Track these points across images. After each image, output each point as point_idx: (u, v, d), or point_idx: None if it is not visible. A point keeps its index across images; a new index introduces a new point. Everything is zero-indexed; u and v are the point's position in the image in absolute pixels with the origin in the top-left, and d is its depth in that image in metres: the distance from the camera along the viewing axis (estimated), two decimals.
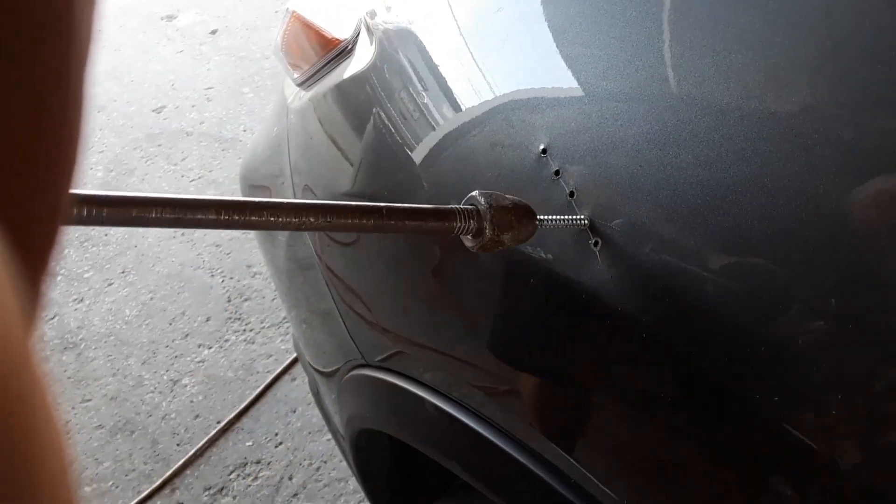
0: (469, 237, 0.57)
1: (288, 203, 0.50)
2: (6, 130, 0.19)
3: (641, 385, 0.64)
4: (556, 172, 0.66)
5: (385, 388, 0.96)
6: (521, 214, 0.58)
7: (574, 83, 0.68)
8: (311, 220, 0.50)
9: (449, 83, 0.85)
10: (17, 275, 0.17)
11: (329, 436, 2.17)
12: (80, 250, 2.81)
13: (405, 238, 0.88)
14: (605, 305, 0.63)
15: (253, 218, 0.49)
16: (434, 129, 0.86)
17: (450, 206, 0.56)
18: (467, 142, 0.80)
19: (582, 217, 0.63)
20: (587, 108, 0.66)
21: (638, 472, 0.68)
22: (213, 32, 3.99)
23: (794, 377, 0.53)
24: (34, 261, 0.21)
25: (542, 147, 0.68)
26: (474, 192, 0.58)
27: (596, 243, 0.62)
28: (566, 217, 0.63)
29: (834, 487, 0.54)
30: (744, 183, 0.56)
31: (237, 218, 0.49)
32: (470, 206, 0.57)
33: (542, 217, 0.60)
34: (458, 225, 0.56)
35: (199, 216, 0.48)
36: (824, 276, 0.53)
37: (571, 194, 0.65)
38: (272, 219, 0.49)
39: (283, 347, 2.45)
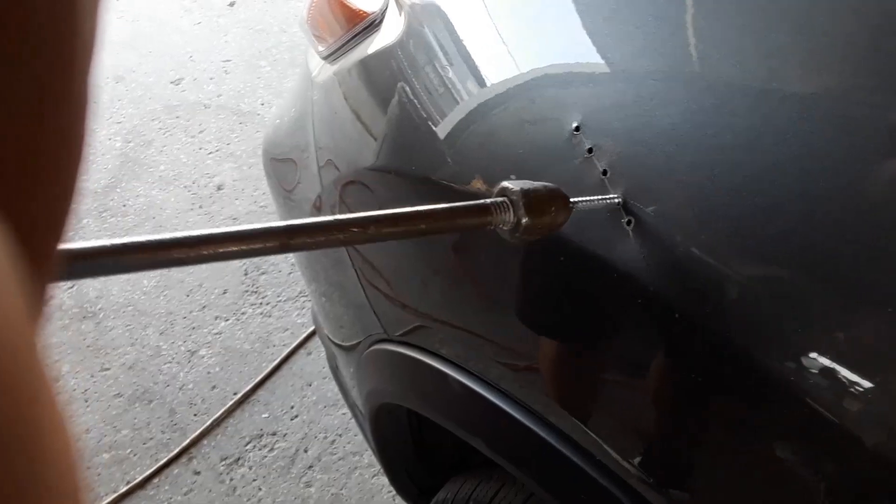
0: (505, 229, 0.57)
1: (316, 223, 0.49)
2: (10, 127, 0.19)
3: (668, 364, 0.64)
4: (590, 150, 0.66)
5: (408, 363, 0.96)
6: (556, 200, 0.57)
7: (609, 61, 0.68)
8: (341, 236, 0.49)
9: (478, 59, 0.84)
10: (22, 272, 0.17)
11: (344, 410, 2.19)
12: (98, 220, 2.82)
13: None
14: (637, 284, 0.62)
15: (282, 243, 0.48)
16: (460, 104, 0.85)
17: (483, 202, 0.55)
18: (495, 118, 0.80)
19: (615, 196, 0.62)
20: (622, 87, 0.65)
21: (661, 448, 0.68)
22: (231, 4, 3.97)
23: (828, 359, 0.53)
24: (39, 258, 0.21)
25: (575, 124, 0.67)
26: (506, 183, 0.57)
27: (629, 222, 0.62)
28: (599, 197, 0.62)
29: (854, 463, 0.54)
30: (783, 164, 0.55)
31: (268, 246, 0.47)
32: (502, 199, 0.56)
33: (575, 199, 0.59)
34: (494, 219, 0.55)
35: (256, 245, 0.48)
36: (866, 260, 0.52)
37: (605, 172, 0.65)
38: (307, 240, 0.49)
39: (299, 321, 2.46)
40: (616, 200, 0.62)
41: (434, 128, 0.88)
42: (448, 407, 0.92)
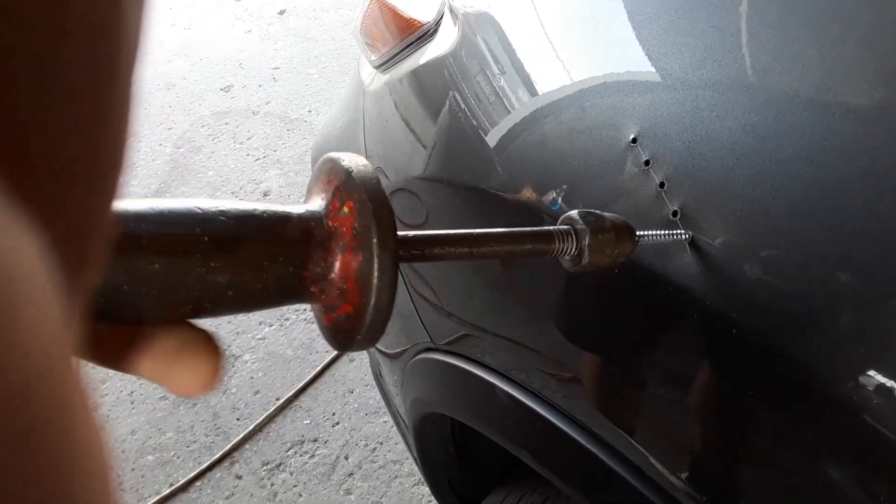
0: (567, 258, 0.56)
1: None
2: (54, 137, 0.18)
3: (720, 379, 0.63)
4: (647, 162, 0.65)
5: (455, 373, 0.96)
6: (621, 233, 0.56)
7: (668, 72, 0.67)
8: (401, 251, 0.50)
9: (530, 68, 0.84)
10: (60, 283, 0.17)
11: (385, 417, 2.19)
12: None
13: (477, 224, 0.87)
14: (688, 297, 0.61)
15: None
16: (511, 113, 0.85)
17: (547, 229, 0.54)
18: (547, 127, 0.79)
19: (682, 232, 0.61)
20: (681, 98, 0.64)
21: (711, 465, 0.66)
22: (282, 13, 4.02)
23: (888, 378, 0.52)
24: (77, 269, 0.20)
25: (632, 136, 0.67)
26: (572, 212, 0.56)
27: (687, 238, 0.61)
28: (667, 232, 0.61)
29: None
30: (848, 180, 0.54)
31: None
32: (567, 227, 0.55)
33: (641, 233, 0.58)
34: (556, 247, 0.54)
35: None
36: None
37: (661, 185, 0.64)
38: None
39: None
40: (684, 237, 0.61)
41: (485, 137, 0.88)
42: (494, 418, 0.92)
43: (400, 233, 0.47)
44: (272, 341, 2.46)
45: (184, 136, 3.28)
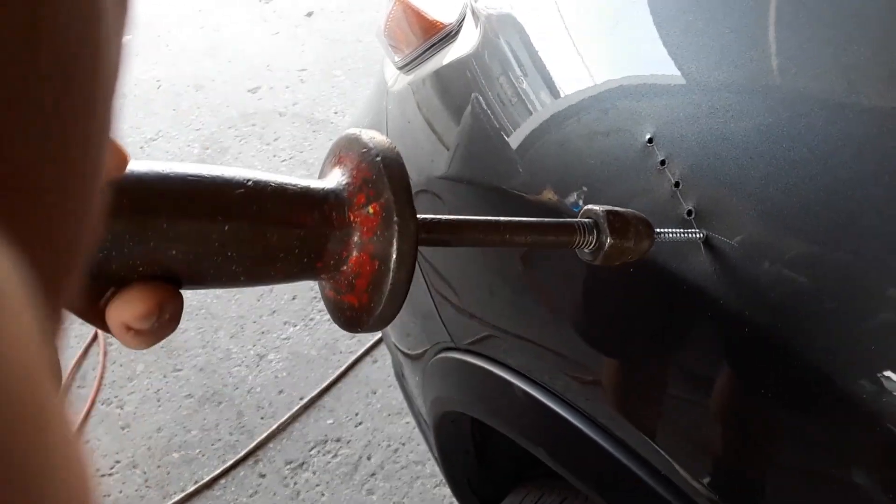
0: (586, 251, 0.56)
1: None
2: (28, 165, 0.18)
3: (739, 381, 0.63)
4: (662, 162, 0.65)
5: (473, 372, 0.96)
6: (640, 230, 0.57)
7: (684, 73, 0.67)
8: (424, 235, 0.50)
9: (552, 70, 0.84)
10: (37, 303, 0.16)
11: (408, 418, 2.20)
12: None
13: None
14: (707, 298, 0.61)
15: None
16: (533, 114, 0.85)
17: (569, 221, 0.55)
18: (568, 129, 0.80)
19: (697, 231, 0.61)
20: (697, 99, 0.65)
21: (731, 468, 0.66)
22: (309, 15, 4.05)
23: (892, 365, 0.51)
24: (55, 287, 0.20)
25: (648, 136, 0.67)
26: (594, 206, 0.56)
27: (702, 237, 0.61)
28: (683, 231, 0.61)
29: None
30: (861, 180, 0.54)
31: None
32: (588, 220, 0.56)
33: (659, 230, 0.59)
34: (577, 239, 0.55)
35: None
36: None
37: (677, 185, 0.64)
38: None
39: None
40: (698, 236, 0.61)
41: (507, 138, 0.88)
42: (512, 416, 0.92)
43: (420, 216, 0.47)
44: (296, 341, 2.48)
45: (211, 136, 3.31)
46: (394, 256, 0.45)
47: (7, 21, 0.17)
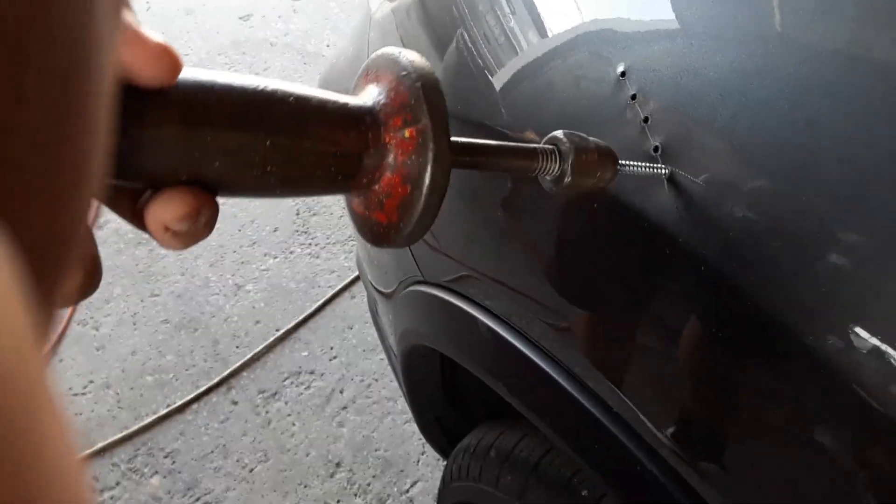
0: (548, 178, 0.56)
1: None
2: (15, 148, 0.18)
3: (701, 326, 0.63)
4: (633, 97, 0.65)
5: (441, 305, 0.96)
6: (604, 158, 0.56)
7: (661, 9, 0.66)
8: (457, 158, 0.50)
9: (542, 8, 0.83)
10: (29, 292, 0.17)
11: (382, 355, 2.22)
12: None
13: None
14: (666, 237, 0.61)
15: None
16: (519, 55, 0.84)
17: (531, 146, 0.54)
18: (553, 70, 0.79)
19: (662, 167, 0.61)
20: (672, 34, 0.64)
21: (691, 418, 0.67)
22: None
23: (872, 335, 0.51)
24: (48, 277, 0.20)
25: (621, 70, 0.66)
26: (557, 133, 0.55)
27: (666, 172, 0.61)
28: (648, 164, 0.61)
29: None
30: (826, 121, 0.54)
31: None
32: (551, 147, 0.55)
33: (623, 162, 0.58)
34: (539, 165, 0.54)
35: None
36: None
37: (646, 120, 0.63)
38: None
39: (346, 265, 2.49)
40: (663, 171, 0.61)
41: (490, 77, 0.87)
42: (475, 351, 0.93)
43: (454, 138, 0.47)
44: (276, 273, 2.48)
45: (200, 63, 3.26)
46: (427, 182, 0.45)
47: None
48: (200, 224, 0.42)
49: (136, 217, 0.43)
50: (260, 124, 0.42)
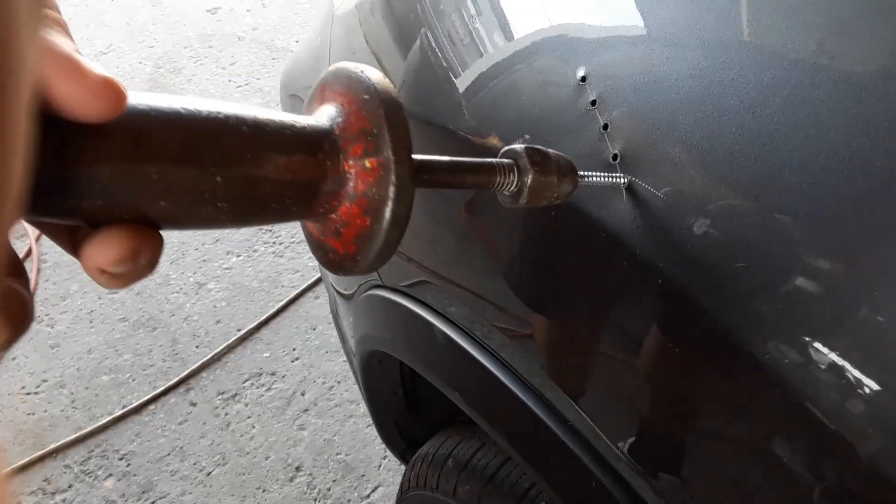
0: (506, 194, 0.53)
1: None
2: None
3: (658, 340, 0.61)
4: (593, 102, 0.63)
5: (397, 311, 0.94)
6: (564, 173, 0.53)
7: (624, 15, 0.64)
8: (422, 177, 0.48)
9: (507, 11, 0.81)
10: None
11: (345, 357, 2.19)
12: None
13: None
14: (623, 248, 0.59)
15: None
16: (483, 57, 0.82)
17: (490, 161, 0.52)
18: (517, 73, 0.76)
19: (621, 176, 0.59)
20: (633, 40, 0.62)
21: (644, 424, 0.65)
22: None
23: (828, 350, 0.50)
24: None
25: (581, 74, 0.64)
26: (515, 146, 0.53)
27: (625, 182, 0.59)
28: (607, 175, 0.58)
29: (851, 466, 0.52)
30: (787, 131, 0.52)
31: None
32: (510, 161, 0.53)
33: (582, 174, 0.56)
34: (498, 181, 0.52)
35: None
36: (859, 234, 0.49)
37: (605, 127, 0.61)
38: None
39: (310, 264, 2.46)
40: (622, 181, 0.59)
41: (454, 79, 0.84)
42: (431, 358, 0.91)
43: (417, 156, 0.45)
44: (238, 272, 2.44)
45: (165, 55, 3.21)
46: (387, 217, 0.42)
47: None
48: (140, 265, 0.38)
49: (77, 250, 0.39)
50: (210, 158, 0.39)
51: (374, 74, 0.44)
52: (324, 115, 0.44)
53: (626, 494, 0.66)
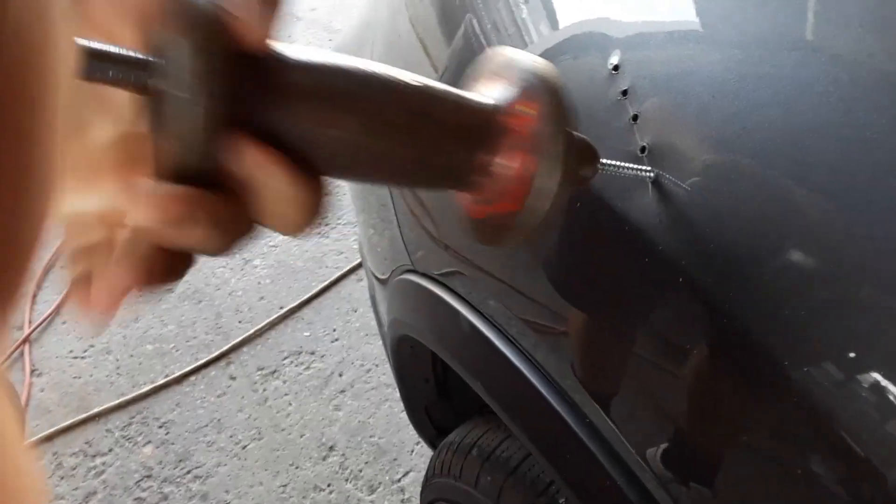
0: None
1: None
2: None
3: (672, 340, 0.60)
4: (624, 92, 0.61)
5: (426, 296, 0.94)
6: (584, 155, 0.52)
7: (661, 5, 0.63)
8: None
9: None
10: None
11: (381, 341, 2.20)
12: None
13: None
14: (650, 248, 0.58)
15: None
16: (527, 47, 0.81)
17: None
18: (559, 61, 0.75)
19: (648, 169, 0.57)
20: (669, 31, 0.60)
21: (670, 432, 0.64)
22: None
23: (860, 338, 0.48)
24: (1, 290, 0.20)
25: (614, 62, 0.63)
26: None
27: (651, 175, 0.57)
28: (632, 166, 0.57)
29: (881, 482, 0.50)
30: (821, 129, 0.50)
31: None
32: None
33: (605, 161, 0.54)
34: None
35: None
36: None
37: (635, 118, 0.60)
38: None
39: (354, 247, 2.47)
40: (648, 174, 0.57)
41: None
42: (455, 345, 0.90)
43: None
44: (283, 250, 2.47)
45: None
46: (546, 206, 0.44)
47: None
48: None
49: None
50: (378, 124, 0.42)
51: (543, 64, 0.47)
52: (495, 94, 0.46)
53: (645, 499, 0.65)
